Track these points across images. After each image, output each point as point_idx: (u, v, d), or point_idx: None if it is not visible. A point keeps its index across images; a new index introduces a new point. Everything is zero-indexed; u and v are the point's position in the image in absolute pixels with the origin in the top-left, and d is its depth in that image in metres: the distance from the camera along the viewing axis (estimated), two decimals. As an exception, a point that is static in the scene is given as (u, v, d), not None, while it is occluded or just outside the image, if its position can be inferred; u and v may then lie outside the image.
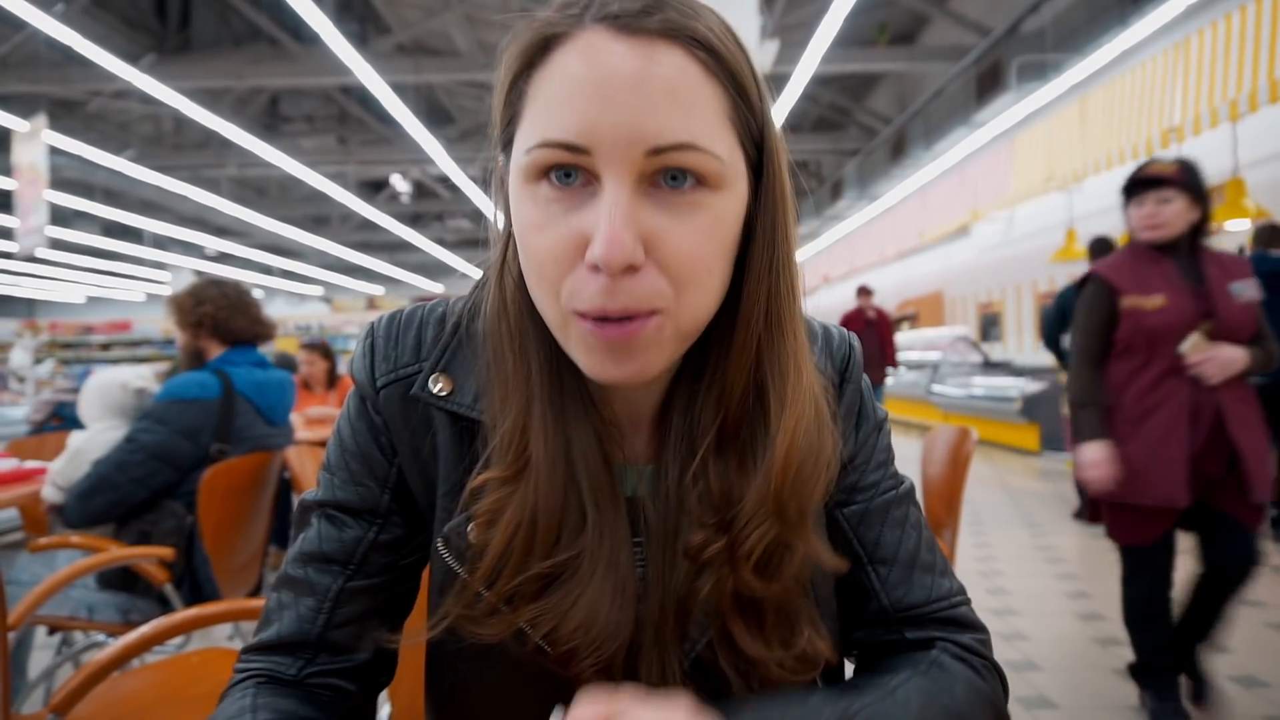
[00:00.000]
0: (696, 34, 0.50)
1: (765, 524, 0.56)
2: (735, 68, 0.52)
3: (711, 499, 0.58)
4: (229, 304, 2.32)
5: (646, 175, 0.49)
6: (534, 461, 0.56)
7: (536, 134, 0.50)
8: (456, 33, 10.01)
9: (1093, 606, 3.33)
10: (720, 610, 0.57)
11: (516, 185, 0.53)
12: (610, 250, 0.47)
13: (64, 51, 7.60)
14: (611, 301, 0.49)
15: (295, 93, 12.84)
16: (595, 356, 0.52)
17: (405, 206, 17.04)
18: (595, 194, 0.50)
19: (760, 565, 0.56)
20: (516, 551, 0.56)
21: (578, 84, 0.49)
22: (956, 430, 1.96)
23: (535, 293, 0.54)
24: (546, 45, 0.51)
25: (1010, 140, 8.39)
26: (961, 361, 9.93)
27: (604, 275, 0.48)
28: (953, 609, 0.67)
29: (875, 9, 9.22)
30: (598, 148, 0.48)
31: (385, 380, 0.64)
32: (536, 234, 0.51)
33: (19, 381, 9.23)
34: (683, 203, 0.50)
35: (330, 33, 6.07)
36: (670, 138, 0.48)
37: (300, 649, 0.63)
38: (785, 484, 0.56)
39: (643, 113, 0.48)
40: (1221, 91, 5.25)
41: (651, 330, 0.51)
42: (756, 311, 0.56)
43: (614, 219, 0.47)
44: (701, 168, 0.50)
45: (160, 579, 1.99)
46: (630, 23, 0.49)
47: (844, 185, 14.39)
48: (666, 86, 0.48)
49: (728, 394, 0.58)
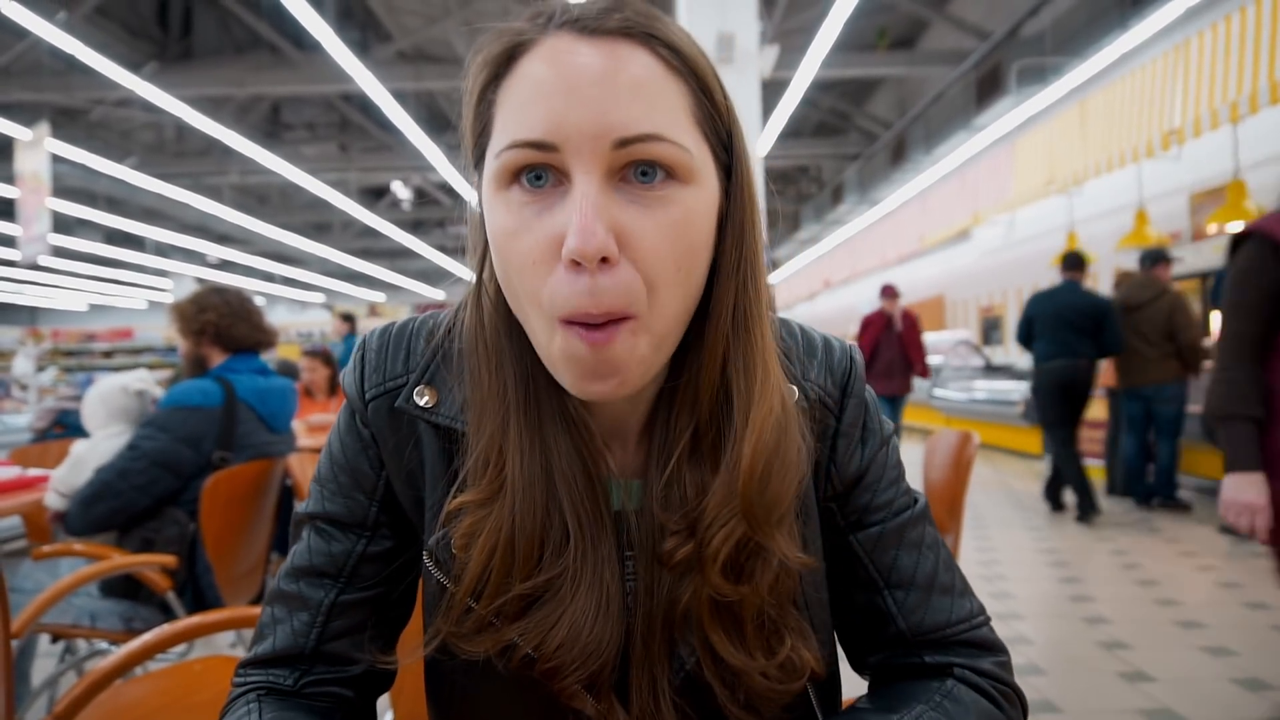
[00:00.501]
0: (657, 32, 0.51)
1: (730, 523, 0.55)
2: (697, 67, 0.53)
3: (684, 504, 0.57)
4: (231, 312, 2.32)
5: (615, 169, 0.50)
6: (510, 482, 0.56)
7: (505, 137, 0.50)
8: (457, 39, 10.04)
9: (1096, 610, 3.32)
10: (699, 618, 0.57)
11: (489, 194, 0.53)
12: (583, 240, 0.47)
13: (67, 60, 7.64)
14: (592, 302, 0.49)
15: (297, 100, 12.88)
16: (577, 371, 0.52)
17: (406, 213, 17.07)
18: (566, 193, 0.50)
19: (728, 567, 0.56)
20: (496, 572, 0.56)
21: (543, 84, 0.49)
22: (958, 434, 1.96)
23: (517, 303, 0.54)
24: (512, 55, 0.52)
25: (1011, 144, 8.40)
26: (963, 365, 9.92)
27: (584, 274, 0.48)
28: (973, 630, 0.65)
29: (875, 14, 9.22)
30: (565, 143, 0.49)
31: (374, 393, 0.64)
32: (511, 240, 0.51)
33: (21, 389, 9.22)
34: (653, 197, 0.50)
35: (331, 40, 6.09)
36: (636, 129, 0.49)
37: (296, 662, 0.64)
38: (752, 481, 0.55)
39: (608, 106, 0.48)
40: (1222, 93, 5.25)
41: (627, 333, 0.50)
42: (724, 311, 0.56)
43: (584, 210, 0.48)
44: (670, 159, 0.50)
45: (163, 586, 1.99)
46: (591, 24, 0.51)
47: (844, 190, 14.39)
48: (631, 81, 0.49)
49: (699, 397, 0.58)
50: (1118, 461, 5.58)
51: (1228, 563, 3.95)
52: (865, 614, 0.67)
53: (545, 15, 0.53)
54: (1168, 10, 5.60)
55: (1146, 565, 3.94)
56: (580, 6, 0.51)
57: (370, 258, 18.60)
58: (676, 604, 0.57)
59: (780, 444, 0.57)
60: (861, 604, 0.67)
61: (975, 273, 11.80)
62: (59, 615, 1.96)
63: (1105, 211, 8.14)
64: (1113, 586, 3.65)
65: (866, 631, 0.68)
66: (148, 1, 10.22)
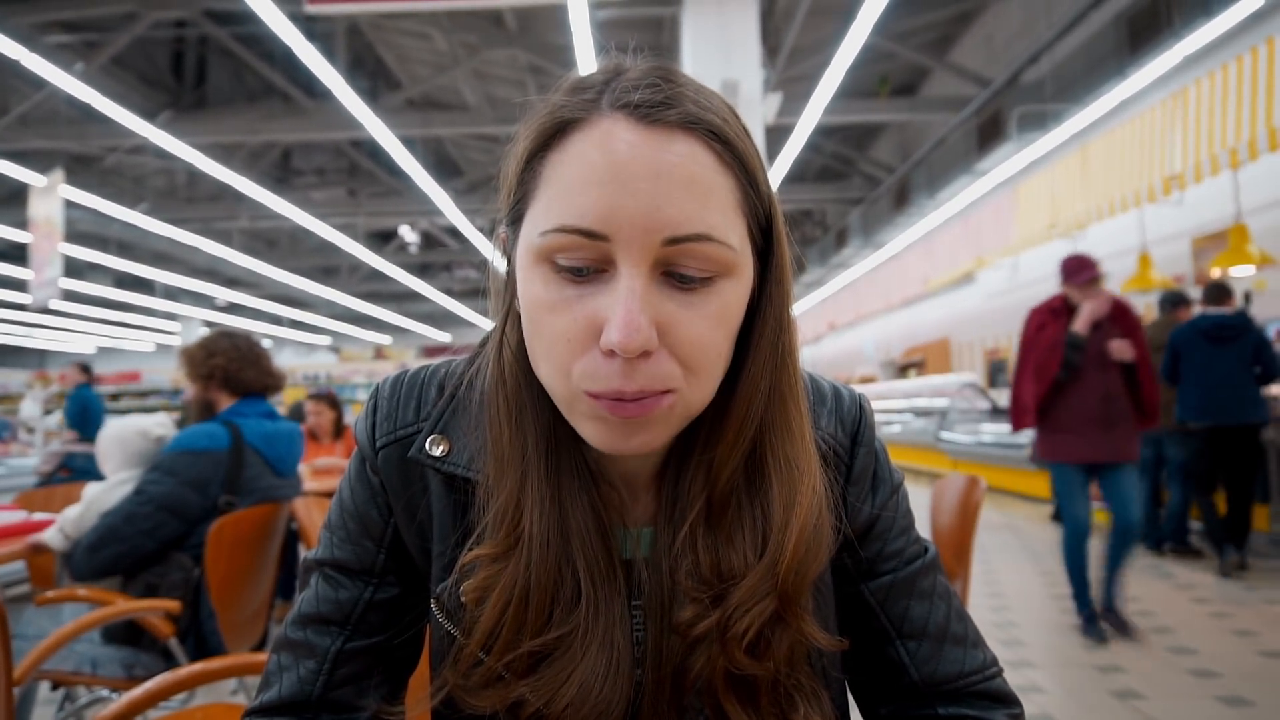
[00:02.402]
0: (713, 126, 0.51)
1: (763, 602, 0.55)
2: (745, 156, 0.53)
3: (700, 573, 0.57)
4: (240, 356, 2.33)
5: (660, 263, 0.50)
6: (526, 537, 0.56)
7: (553, 218, 0.50)
8: (465, 88, 10.23)
9: (1109, 659, 3.27)
10: (713, 688, 0.57)
11: (527, 263, 0.53)
12: (626, 336, 0.47)
13: (83, 109, 7.78)
14: (628, 384, 0.49)
15: (307, 146, 13.09)
16: (604, 429, 0.52)
17: (413, 257, 17.23)
18: (609, 279, 0.50)
19: (752, 645, 0.56)
20: (507, 627, 0.56)
21: (596, 170, 0.49)
22: (965, 479, 1.94)
23: (543, 370, 0.54)
24: (563, 129, 0.52)
25: (1013, 188, 8.47)
26: (969, 408, 9.88)
27: (619, 359, 0.49)
28: (986, 682, 0.65)
29: (876, 62, 9.39)
30: (616, 235, 0.48)
31: (385, 441, 0.65)
32: (548, 314, 0.51)
33: (28, 432, 9.25)
34: (695, 291, 0.51)
35: (342, 89, 6.21)
36: (688, 228, 0.49)
37: (302, 709, 0.63)
38: (793, 566, 0.55)
39: (661, 202, 0.48)
40: (1221, 139, 5.31)
41: (665, 408, 0.51)
42: (759, 392, 0.56)
43: (629, 305, 0.48)
44: (716, 258, 0.50)
45: (165, 633, 1.98)
46: (650, 113, 0.50)
47: (848, 233, 14.51)
48: (684, 177, 0.49)
49: (716, 468, 0.57)
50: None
51: (1241, 610, 3.89)
52: (877, 664, 0.67)
53: (594, 89, 0.52)
54: (1165, 59, 5.69)
55: (1160, 613, 3.88)
56: (635, 90, 0.51)
57: (377, 301, 18.73)
58: (689, 670, 0.57)
59: (819, 525, 0.58)
60: (873, 654, 0.67)
61: (980, 315, 11.82)
62: (60, 662, 1.95)
63: (1108, 255, 8.12)
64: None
65: (879, 682, 0.67)
66: (163, 52, 10.45)
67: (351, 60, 9.18)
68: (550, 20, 7.88)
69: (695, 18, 5.81)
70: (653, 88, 0.51)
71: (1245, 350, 4.59)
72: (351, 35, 9.23)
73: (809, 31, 8.21)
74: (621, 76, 0.53)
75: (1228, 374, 4.58)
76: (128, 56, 9.55)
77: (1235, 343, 4.61)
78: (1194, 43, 5.42)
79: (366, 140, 8.86)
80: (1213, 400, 4.62)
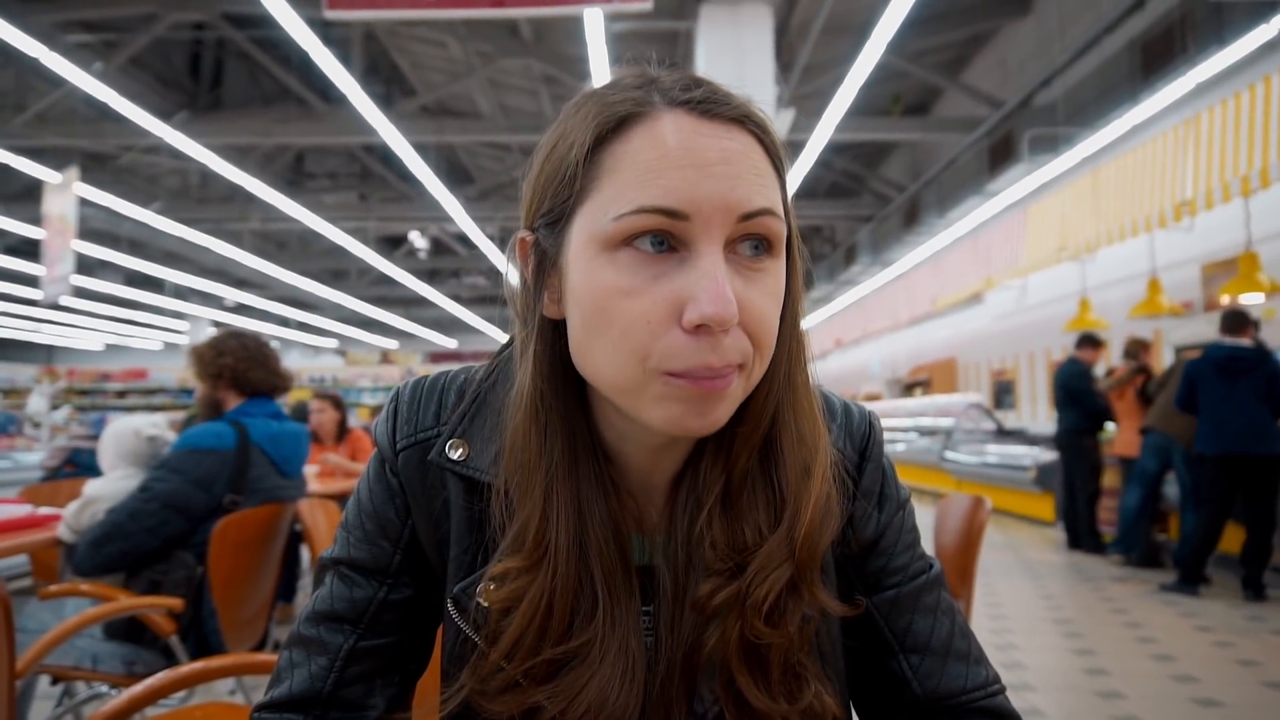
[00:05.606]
0: (759, 121, 0.55)
1: (780, 568, 0.57)
2: (778, 151, 0.57)
3: (718, 549, 0.59)
4: (249, 356, 2.35)
5: (731, 241, 0.53)
6: (552, 549, 0.57)
7: (629, 202, 0.51)
8: (479, 96, 10.28)
9: (1111, 684, 3.24)
10: (727, 661, 0.58)
11: (591, 253, 0.53)
12: (720, 307, 0.49)
13: (100, 108, 7.84)
14: (716, 358, 0.51)
15: (320, 150, 13.16)
16: (680, 409, 0.53)
17: (422, 262, 17.27)
18: (684, 260, 0.52)
19: (770, 612, 0.57)
20: (530, 636, 0.57)
21: (672, 156, 0.51)
22: (970, 499, 1.94)
23: (609, 360, 0.54)
24: (622, 123, 0.54)
25: (1023, 210, 8.46)
26: (974, 429, 9.85)
27: (706, 336, 0.50)
28: (988, 699, 0.66)
29: (889, 81, 9.40)
30: (697, 214, 0.51)
31: (405, 444, 0.66)
32: (624, 300, 0.52)
33: (35, 427, 9.28)
34: (756, 268, 0.54)
35: (357, 94, 6.25)
36: (758, 203, 0.52)
37: (312, 706, 0.64)
38: (813, 529, 0.58)
39: (735, 182, 0.52)
40: (1233, 167, 5.30)
41: (738, 384, 0.53)
42: (778, 372, 0.59)
43: (719, 279, 0.50)
44: (776, 233, 0.54)
45: (167, 630, 1.98)
46: (710, 109, 0.53)
47: (857, 251, 14.50)
48: (748, 162, 0.53)
49: (735, 451, 0.59)
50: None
51: (1245, 639, 3.86)
52: (880, 678, 0.67)
53: (644, 87, 0.55)
54: (1179, 85, 5.69)
55: (1163, 640, 3.86)
56: (685, 90, 0.54)
57: (385, 305, 18.77)
58: (699, 650, 0.58)
59: (831, 494, 0.60)
60: (876, 668, 0.67)
61: (988, 336, 11.80)
62: (60, 656, 1.95)
63: (1118, 279, 8.16)
64: (1128, 660, 3.57)
65: (882, 696, 0.68)
66: (181, 54, 10.54)
67: (367, 66, 9.25)
68: (565, 31, 7.92)
69: (710, 33, 5.84)
70: (701, 87, 0.55)
71: (1259, 382, 4.56)
72: (367, 41, 9.29)
73: (823, 49, 8.24)
74: (658, 81, 0.56)
75: (1242, 406, 4.55)
76: (146, 57, 9.63)
77: (1249, 376, 4.58)
78: (1207, 70, 5.42)
79: (379, 145, 8.91)
80: (1225, 432, 4.60)
